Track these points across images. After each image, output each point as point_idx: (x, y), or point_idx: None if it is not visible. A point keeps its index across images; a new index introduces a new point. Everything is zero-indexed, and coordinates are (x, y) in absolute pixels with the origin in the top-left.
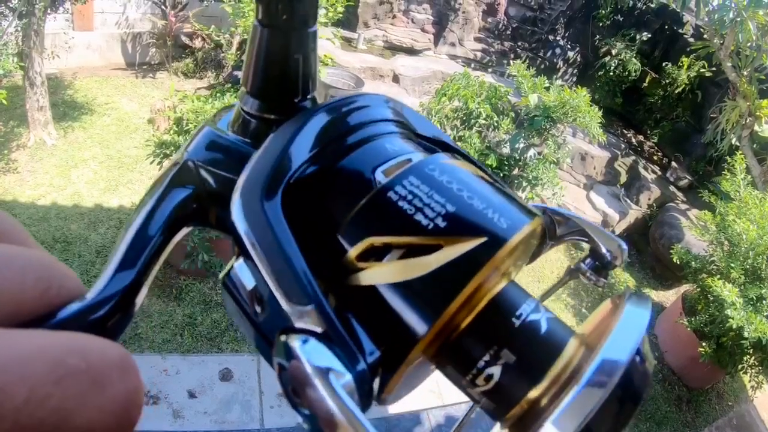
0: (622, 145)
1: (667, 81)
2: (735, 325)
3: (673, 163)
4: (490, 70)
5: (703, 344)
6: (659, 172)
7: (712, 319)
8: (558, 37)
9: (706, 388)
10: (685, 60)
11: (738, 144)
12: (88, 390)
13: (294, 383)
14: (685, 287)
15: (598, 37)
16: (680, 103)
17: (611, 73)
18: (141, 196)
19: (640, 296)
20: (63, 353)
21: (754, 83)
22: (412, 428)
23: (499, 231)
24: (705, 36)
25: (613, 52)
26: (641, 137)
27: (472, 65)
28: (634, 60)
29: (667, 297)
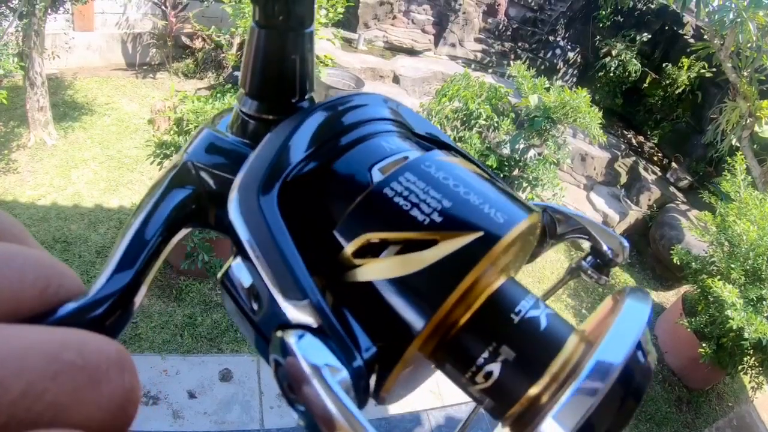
0: (623, 145)
1: (668, 82)
2: (735, 326)
3: (674, 164)
4: (490, 70)
5: (704, 345)
6: (659, 173)
7: (712, 320)
8: (558, 38)
9: (707, 389)
10: (685, 61)
11: (738, 145)
12: (84, 386)
13: (290, 379)
14: (686, 288)
15: (599, 37)
16: (680, 104)
17: (611, 74)
18: (141, 196)
19: (641, 292)
20: (60, 348)
21: (755, 84)
22: (413, 429)
23: (495, 226)
24: (705, 37)
25: (614, 53)
26: (641, 138)
27: (473, 66)
28: (635, 61)
29: (668, 298)
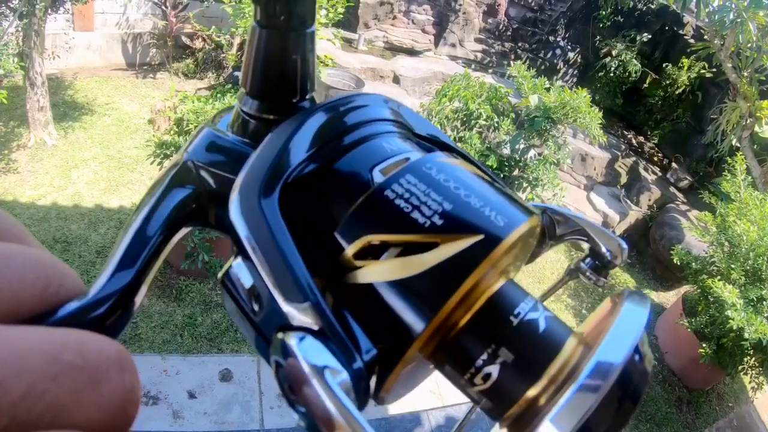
0: (623, 146)
1: (668, 82)
2: (735, 326)
3: (674, 164)
4: (490, 71)
5: (704, 345)
6: (659, 173)
7: (712, 320)
8: (558, 38)
9: (707, 389)
10: (685, 61)
11: (738, 145)
12: (84, 386)
13: (290, 381)
14: (686, 288)
15: (599, 38)
16: (680, 104)
17: (611, 74)
18: (141, 196)
19: (639, 294)
20: (60, 349)
21: (755, 84)
22: (413, 429)
23: (495, 229)
24: (705, 37)
25: (614, 53)
26: (641, 138)
27: (473, 66)
28: (635, 61)
29: (668, 298)
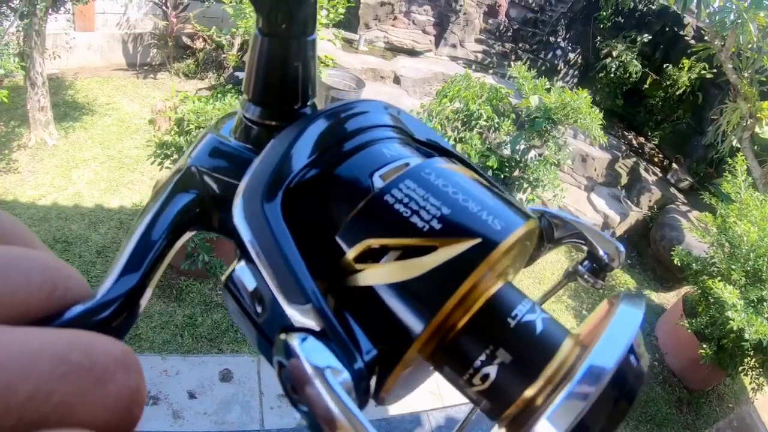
0: (623, 146)
1: (668, 83)
2: (736, 327)
3: (674, 165)
4: (491, 71)
5: (704, 346)
6: (660, 174)
7: (712, 321)
8: (559, 39)
9: (707, 390)
10: (685, 62)
11: (739, 146)
12: (91, 386)
13: (293, 381)
14: (686, 289)
15: (599, 38)
16: (681, 105)
17: (612, 75)
18: (142, 196)
19: (635, 296)
20: (67, 350)
21: (755, 85)
22: (413, 429)
23: (492, 233)
24: (706, 38)
25: (614, 54)
26: (642, 139)
27: (473, 67)
28: (635, 62)
29: (668, 299)
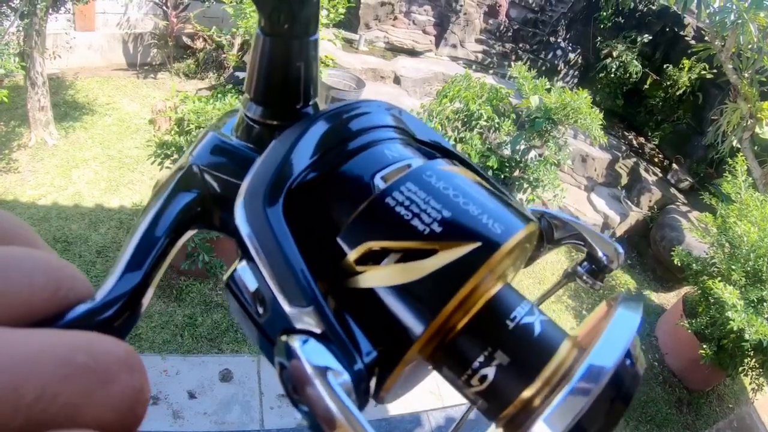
0: (623, 146)
1: (668, 83)
2: (736, 327)
3: (674, 165)
4: (491, 71)
5: (704, 346)
6: (660, 174)
7: (712, 321)
8: (559, 39)
9: (707, 391)
10: (686, 62)
11: (739, 146)
12: (95, 387)
13: (294, 382)
14: (686, 289)
15: (600, 38)
16: (681, 105)
17: (612, 75)
18: (142, 196)
19: (633, 299)
20: (72, 351)
21: (755, 85)
22: (413, 429)
23: (493, 236)
24: (706, 38)
25: (614, 54)
26: (642, 139)
27: (474, 67)
28: (635, 62)
29: (668, 299)
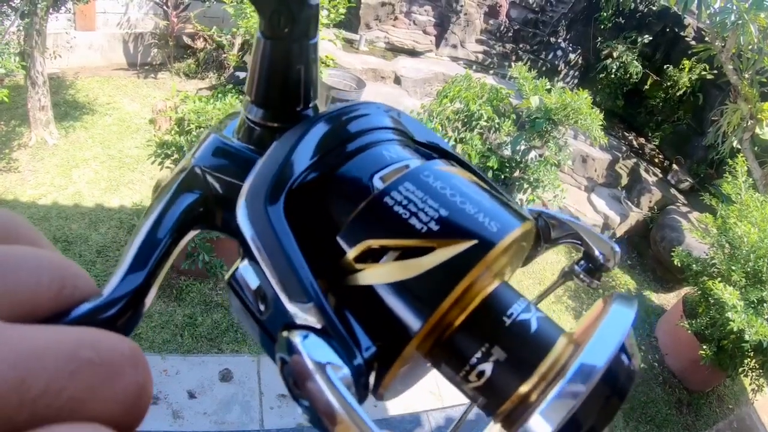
0: (623, 147)
1: (669, 83)
2: (736, 328)
3: (674, 166)
4: (491, 72)
5: (704, 347)
6: (660, 175)
7: (712, 322)
8: (559, 40)
9: (707, 391)
10: (686, 62)
11: (739, 147)
12: (100, 381)
13: (295, 376)
14: (686, 290)
15: (600, 39)
16: (681, 106)
17: (612, 76)
18: (142, 196)
19: (627, 297)
20: (76, 347)
21: (756, 86)
22: (413, 429)
23: (489, 234)
24: (706, 39)
25: (615, 55)
26: (642, 140)
27: (474, 67)
28: (636, 62)
29: (668, 300)
